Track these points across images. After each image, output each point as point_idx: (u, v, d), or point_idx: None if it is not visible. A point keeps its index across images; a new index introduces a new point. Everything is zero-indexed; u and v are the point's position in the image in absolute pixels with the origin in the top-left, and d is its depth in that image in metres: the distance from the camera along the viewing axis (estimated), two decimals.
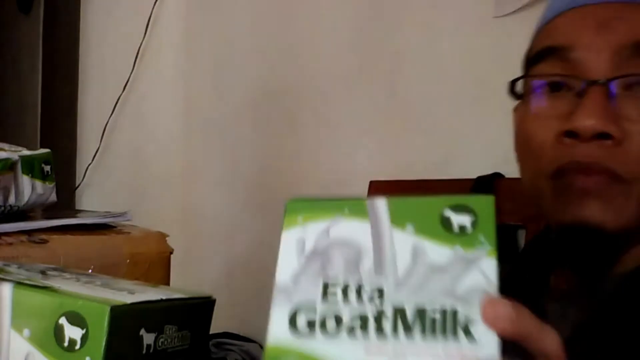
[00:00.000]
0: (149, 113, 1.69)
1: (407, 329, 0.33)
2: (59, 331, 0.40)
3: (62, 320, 0.40)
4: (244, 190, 1.52)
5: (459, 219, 0.36)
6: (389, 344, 0.33)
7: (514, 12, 1.02)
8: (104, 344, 0.39)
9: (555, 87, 0.52)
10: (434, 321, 0.33)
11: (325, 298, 0.35)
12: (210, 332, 0.50)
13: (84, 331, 0.39)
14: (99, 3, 1.80)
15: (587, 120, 0.48)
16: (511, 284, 0.58)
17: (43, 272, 0.49)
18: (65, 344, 0.40)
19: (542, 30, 0.56)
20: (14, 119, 1.68)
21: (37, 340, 0.40)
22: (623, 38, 0.49)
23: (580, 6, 0.52)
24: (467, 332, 0.33)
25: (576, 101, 0.49)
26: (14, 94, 1.68)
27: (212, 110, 1.58)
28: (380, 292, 0.34)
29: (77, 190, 1.75)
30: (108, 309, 0.39)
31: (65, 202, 1.61)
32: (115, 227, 0.87)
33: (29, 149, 0.85)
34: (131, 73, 1.66)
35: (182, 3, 1.65)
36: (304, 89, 1.41)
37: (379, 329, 0.33)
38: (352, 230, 0.37)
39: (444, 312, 0.33)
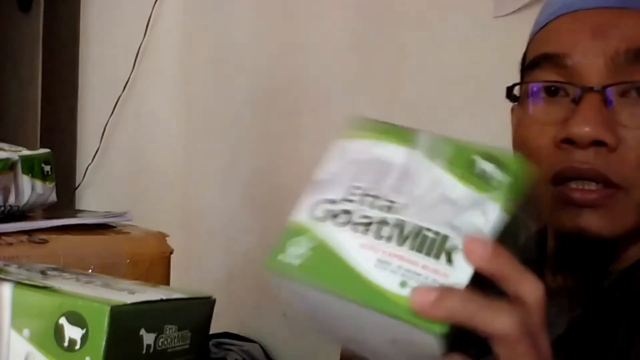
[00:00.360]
0: (149, 113, 1.69)
1: (401, 238, 0.38)
2: (59, 331, 0.40)
3: (62, 320, 0.40)
4: (244, 191, 1.52)
5: (485, 165, 0.39)
6: (381, 245, 0.38)
7: (514, 12, 1.02)
8: (103, 343, 0.39)
9: (551, 92, 0.53)
10: (425, 238, 0.37)
11: (347, 197, 0.40)
12: (210, 332, 0.50)
13: (84, 331, 0.39)
14: (99, 3, 1.80)
15: (583, 128, 0.48)
16: None
17: (43, 272, 0.50)
18: (65, 343, 0.40)
19: (537, 35, 0.56)
20: (14, 119, 1.68)
21: (37, 340, 0.40)
22: (618, 45, 0.49)
23: (574, 11, 0.53)
24: (449, 257, 0.37)
25: (572, 107, 0.50)
26: (14, 93, 1.67)
27: (212, 110, 1.58)
28: (391, 205, 0.39)
29: (77, 190, 1.75)
30: (108, 309, 0.39)
31: (65, 202, 1.61)
32: (115, 227, 0.87)
33: (29, 149, 0.85)
34: (131, 73, 1.66)
35: (182, 3, 1.65)
36: (304, 89, 1.41)
37: (378, 231, 0.38)
38: (391, 152, 0.41)
39: (436, 234, 0.37)
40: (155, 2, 1.63)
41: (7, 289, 0.42)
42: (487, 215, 0.37)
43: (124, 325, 0.40)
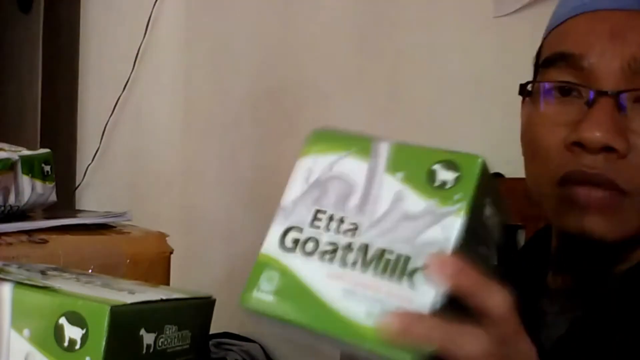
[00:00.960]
0: (149, 113, 1.69)
1: (365, 264, 0.38)
2: (59, 331, 0.40)
3: (62, 320, 0.40)
4: (244, 190, 1.52)
5: (444, 175, 0.40)
6: (346, 274, 0.39)
7: (514, 12, 1.02)
8: (103, 344, 0.39)
9: (565, 92, 0.52)
10: (387, 262, 0.38)
11: (313, 223, 0.41)
12: (210, 332, 0.50)
13: (84, 331, 0.39)
14: (99, 3, 1.80)
15: (594, 133, 0.48)
16: (509, 281, 0.59)
17: (43, 272, 0.50)
18: (65, 344, 0.40)
19: (555, 31, 0.55)
20: (14, 119, 1.68)
21: (37, 340, 0.40)
22: (636, 50, 0.49)
23: (594, 11, 0.51)
24: (411, 279, 0.37)
25: (585, 110, 0.49)
26: (14, 94, 1.67)
27: (212, 110, 1.58)
28: (355, 228, 0.40)
29: (77, 190, 1.75)
30: (108, 308, 0.39)
31: (65, 202, 1.60)
32: (115, 227, 0.87)
33: (29, 149, 0.85)
34: (131, 73, 1.66)
35: (182, 3, 1.65)
36: (304, 89, 1.41)
37: (343, 258, 0.39)
38: (352, 168, 0.42)
39: (399, 257, 0.38)
40: (155, 2, 1.63)
41: (7, 289, 0.42)
42: (446, 229, 0.38)
43: (124, 325, 0.40)
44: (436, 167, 0.40)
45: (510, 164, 1.00)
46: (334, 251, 0.39)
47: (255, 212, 1.48)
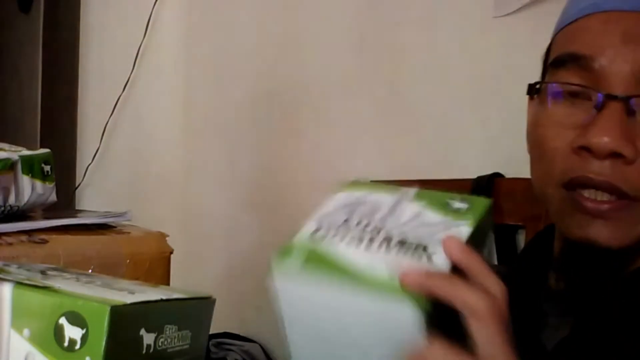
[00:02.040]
0: (149, 113, 1.69)
1: (388, 248, 0.43)
2: (59, 331, 0.40)
3: (62, 320, 0.40)
4: (244, 190, 1.52)
5: (458, 205, 0.46)
6: (371, 251, 0.43)
7: (514, 12, 1.02)
8: (104, 344, 0.39)
9: (573, 94, 0.51)
10: (409, 247, 0.43)
11: (343, 224, 0.45)
12: (210, 332, 0.50)
13: (84, 331, 0.39)
14: (99, 3, 1.80)
15: (602, 138, 0.47)
16: (511, 282, 0.59)
17: (43, 272, 0.49)
18: (66, 343, 0.39)
19: (565, 30, 0.54)
20: (14, 119, 1.68)
21: (37, 340, 0.40)
22: None
23: (606, 11, 0.51)
24: (429, 257, 0.42)
25: (593, 113, 0.49)
26: (14, 94, 1.67)
27: (212, 110, 1.58)
28: (380, 229, 0.44)
29: (77, 190, 1.75)
30: (108, 308, 0.39)
31: (65, 202, 1.61)
32: (115, 227, 0.87)
33: (29, 149, 0.85)
34: (131, 73, 1.66)
35: (182, 3, 1.65)
36: (304, 88, 1.41)
37: (369, 245, 0.43)
38: (381, 198, 0.47)
39: (418, 245, 0.43)
40: (155, 2, 1.63)
41: (7, 289, 0.42)
42: (458, 230, 0.43)
43: (124, 325, 0.40)
44: (452, 201, 0.46)
45: (510, 163, 1.00)
46: (361, 239, 0.44)
47: (255, 212, 1.48)
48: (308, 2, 1.41)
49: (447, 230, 0.43)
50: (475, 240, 0.43)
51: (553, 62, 0.54)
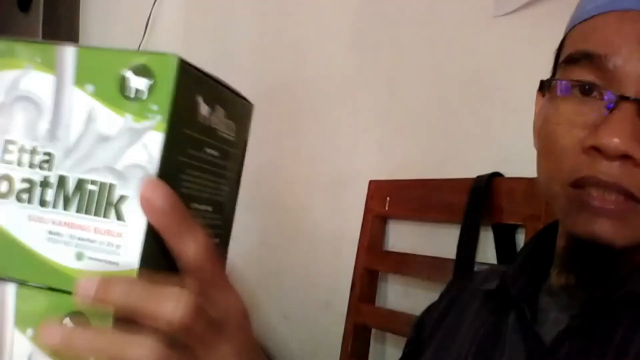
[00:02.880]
0: None
1: (67, 200, 0.35)
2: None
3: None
4: (244, 190, 1.51)
5: (137, 82, 0.35)
6: (48, 213, 0.35)
7: (514, 11, 1.02)
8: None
9: (585, 92, 0.50)
10: (91, 195, 0.34)
11: (3, 157, 0.36)
12: None
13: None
14: (99, 3, 1.80)
15: (612, 139, 0.47)
16: (511, 277, 0.59)
17: None
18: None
19: (580, 27, 0.53)
20: None
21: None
22: None
23: (623, 10, 0.50)
24: (118, 210, 0.34)
25: (604, 113, 0.49)
26: None
27: None
28: (50, 158, 0.35)
29: None
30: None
31: None
32: None
33: None
34: None
35: (182, 3, 1.65)
36: (304, 88, 1.41)
37: (42, 197, 0.35)
38: (39, 84, 0.36)
39: (102, 186, 0.34)
40: (155, 2, 1.63)
41: None
42: (148, 147, 0.34)
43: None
44: (127, 73, 0.35)
45: (510, 163, 1.00)
46: (31, 189, 0.35)
47: (255, 211, 1.48)
48: (307, 1, 1.41)
49: (133, 143, 0.34)
50: (182, 130, 0.35)
51: (566, 59, 0.53)
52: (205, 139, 0.39)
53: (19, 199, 0.36)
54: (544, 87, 0.55)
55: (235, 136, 0.43)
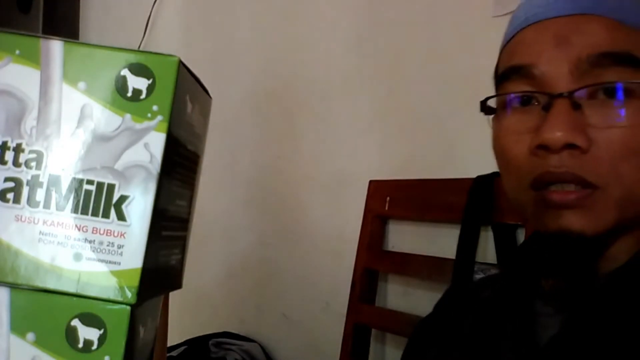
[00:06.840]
0: None
1: (60, 200, 0.33)
2: None
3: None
4: (243, 190, 1.52)
5: (136, 82, 0.34)
6: (40, 214, 0.33)
7: (514, 11, 1.02)
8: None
9: (524, 102, 0.54)
10: (87, 194, 0.33)
11: None
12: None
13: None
14: (99, 3, 1.80)
15: (554, 133, 0.50)
16: (504, 284, 0.60)
17: None
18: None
19: (506, 48, 0.58)
20: None
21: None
22: (580, 51, 0.51)
23: (537, 22, 0.54)
24: (119, 210, 0.33)
25: (543, 115, 0.52)
26: None
27: (212, 110, 1.58)
28: (40, 157, 0.34)
29: None
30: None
31: None
32: None
33: None
34: None
35: (182, 3, 1.65)
36: (304, 88, 1.41)
37: (32, 197, 0.33)
38: (21, 77, 0.34)
39: (100, 186, 0.33)
40: (155, 2, 1.63)
41: None
42: (150, 148, 0.34)
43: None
44: (125, 72, 0.34)
45: None
46: (19, 189, 0.33)
47: (254, 211, 1.48)
48: (308, 2, 1.41)
49: (131, 143, 0.34)
50: (177, 130, 0.35)
51: (499, 78, 0.57)
52: (189, 137, 0.39)
53: (2, 199, 0.34)
54: (484, 108, 0.59)
55: (202, 131, 0.43)
